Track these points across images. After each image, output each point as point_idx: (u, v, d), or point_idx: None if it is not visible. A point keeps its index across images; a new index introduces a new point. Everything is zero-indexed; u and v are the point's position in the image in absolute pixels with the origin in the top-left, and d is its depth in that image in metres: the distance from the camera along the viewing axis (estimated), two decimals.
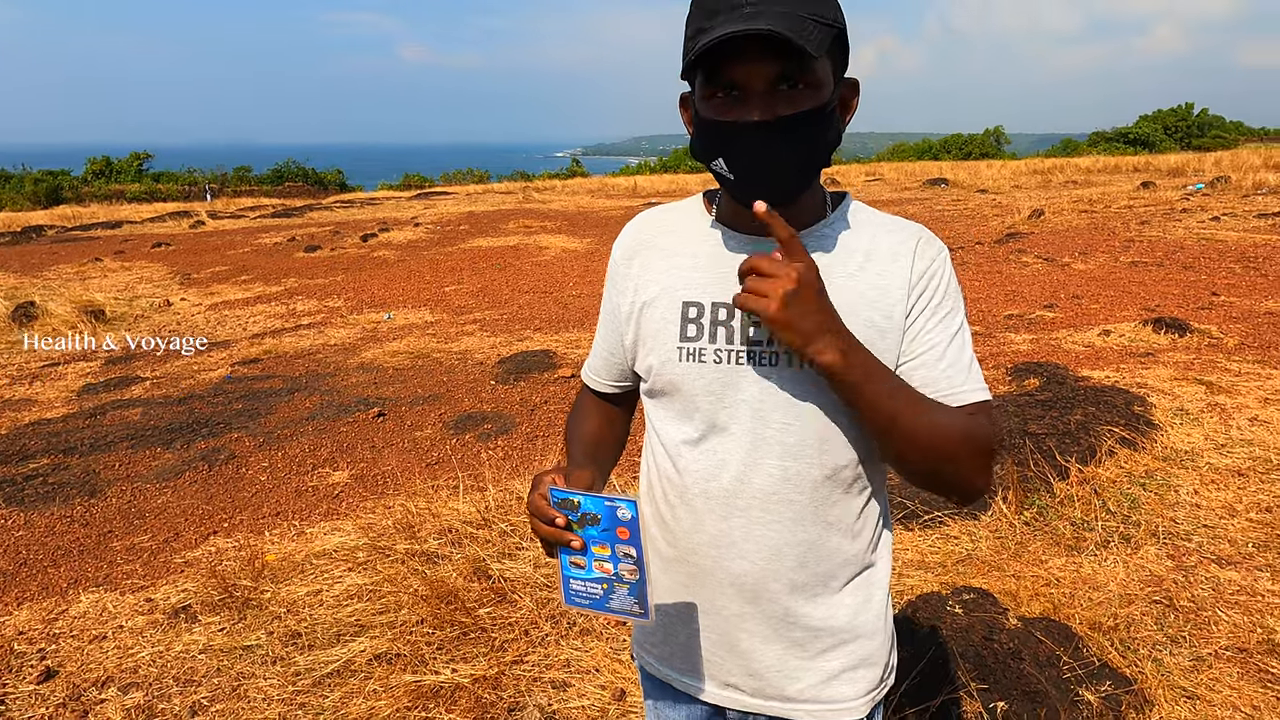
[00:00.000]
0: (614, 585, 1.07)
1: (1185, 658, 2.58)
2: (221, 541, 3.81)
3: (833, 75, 1.04)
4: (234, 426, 5.24)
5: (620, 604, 1.07)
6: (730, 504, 1.14)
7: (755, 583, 1.15)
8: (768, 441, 1.11)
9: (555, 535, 1.06)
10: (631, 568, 1.05)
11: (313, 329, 8.24)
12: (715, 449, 1.14)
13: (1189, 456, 3.83)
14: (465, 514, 3.70)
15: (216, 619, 3.15)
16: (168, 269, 12.85)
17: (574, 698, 2.63)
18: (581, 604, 1.09)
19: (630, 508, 1.03)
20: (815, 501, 1.12)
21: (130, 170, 41.45)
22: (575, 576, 1.09)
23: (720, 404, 1.12)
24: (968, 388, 1.08)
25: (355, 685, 2.73)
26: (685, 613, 1.22)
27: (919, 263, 1.10)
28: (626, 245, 1.24)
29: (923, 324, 1.09)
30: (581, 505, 1.05)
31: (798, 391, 1.10)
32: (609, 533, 1.05)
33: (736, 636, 1.18)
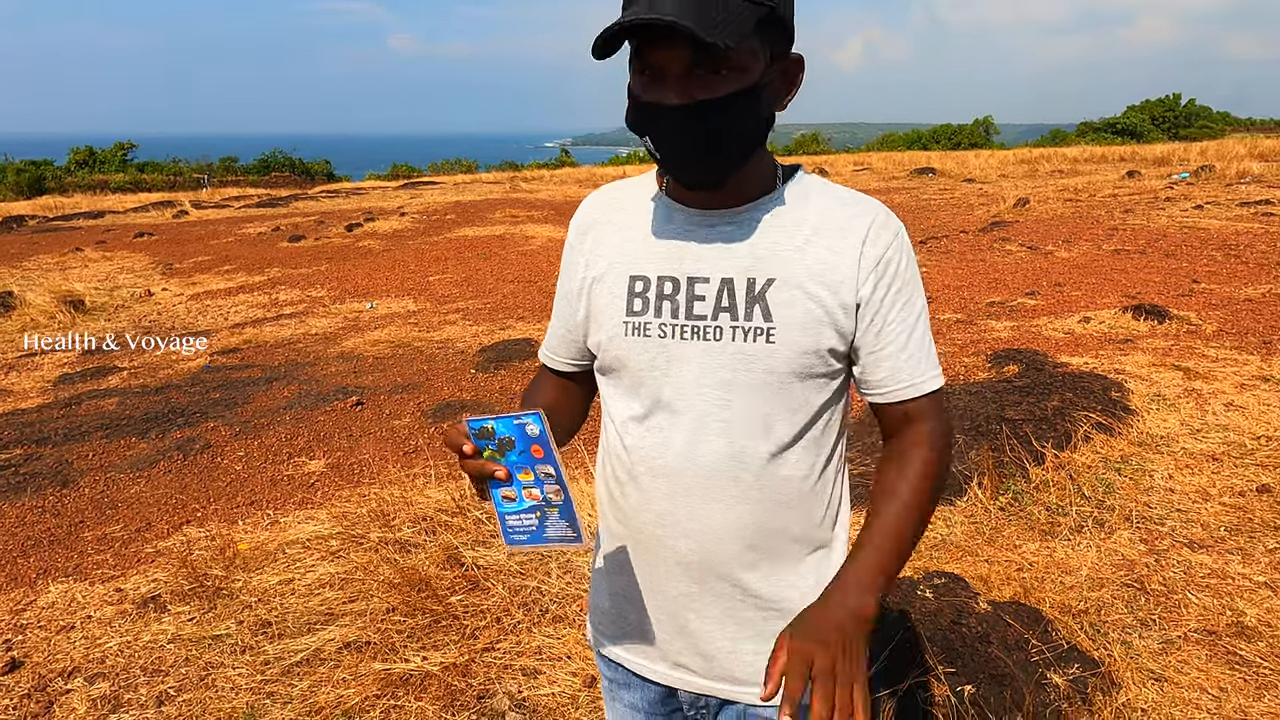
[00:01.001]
0: (545, 511, 1.05)
1: (1154, 640, 2.58)
2: (194, 531, 3.77)
3: (767, 53, 1.01)
4: (210, 416, 5.20)
5: (555, 531, 1.06)
6: (675, 481, 1.12)
7: (701, 562, 1.13)
8: (711, 418, 1.09)
9: (476, 465, 1.04)
10: (555, 488, 1.04)
11: (294, 318, 8.18)
12: (660, 425, 1.12)
13: (1164, 441, 3.84)
14: (440, 502, 3.68)
15: (186, 609, 3.12)
16: (150, 259, 12.74)
17: (544, 685, 2.62)
18: (521, 541, 1.08)
19: (535, 420, 1.02)
20: (762, 480, 1.11)
21: (114, 160, 41.04)
22: (510, 511, 1.07)
23: (665, 379, 1.11)
24: (927, 376, 1.11)
25: (324, 674, 2.71)
26: (635, 593, 1.20)
27: (874, 247, 1.08)
28: (581, 221, 1.23)
29: (884, 314, 1.08)
30: (496, 430, 1.04)
31: (742, 367, 1.08)
32: (526, 454, 1.04)
33: (685, 617, 1.16)
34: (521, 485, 1.05)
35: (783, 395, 1.09)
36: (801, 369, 1.08)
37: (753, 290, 1.07)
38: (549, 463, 1.03)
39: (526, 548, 1.09)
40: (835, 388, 1.13)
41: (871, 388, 1.13)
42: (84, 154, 41.05)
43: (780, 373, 1.07)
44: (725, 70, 0.97)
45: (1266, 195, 11.58)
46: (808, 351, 1.07)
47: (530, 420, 1.02)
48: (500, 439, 1.04)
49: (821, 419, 1.13)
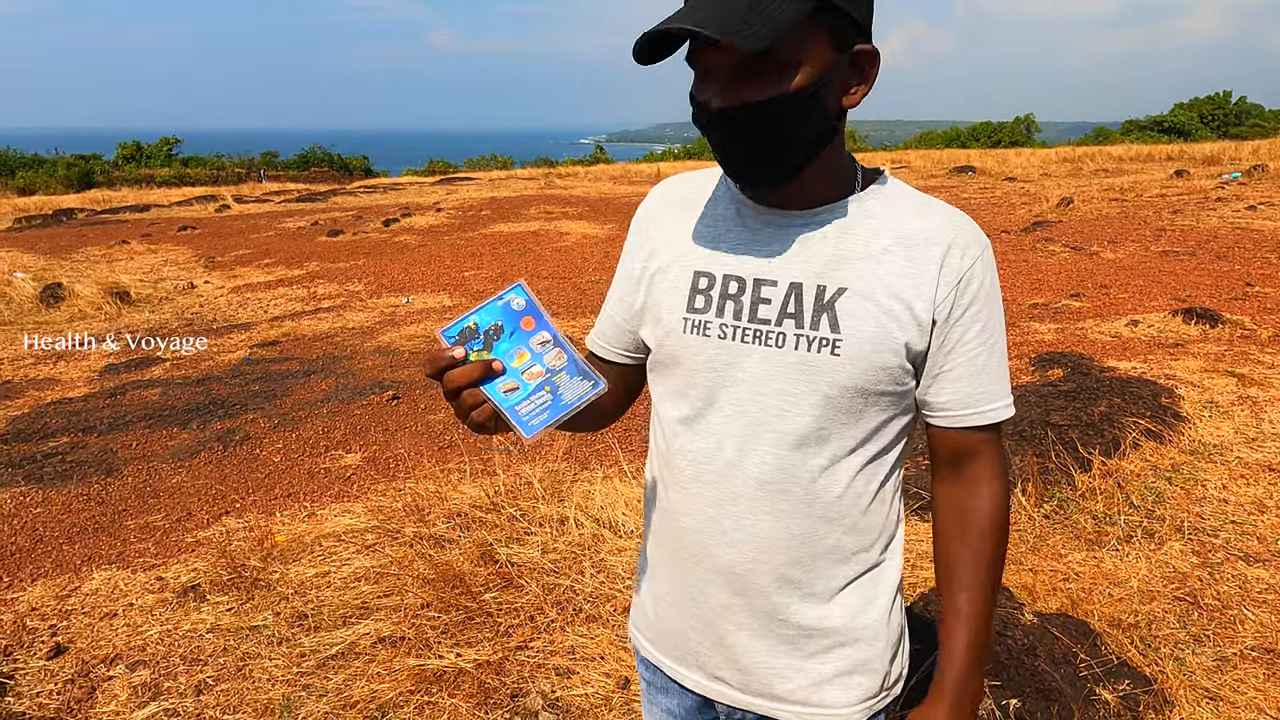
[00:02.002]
0: (553, 381, 1.01)
1: (1209, 657, 2.49)
2: (233, 522, 3.82)
3: (828, 47, 0.95)
4: (250, 408, 5.26)
5: (572, 391, 1.00)
6: (722, 489, 1.08)
7: (745, 574, 1.09)
8: (766, 427, 1.05)
9: (472, 370, 0.95)
10: (556, 352, 1.00)
11: (332, 312, 8.27)
12: (710, 429, 1.08)
13: (1218, 450, 3.72)
14: (475, 498, 3.68)
15: (225, 599, 3.16)
16: (193, 252, 12.97)
17: (577, 684, 2.60)
18: (543, 422, 0.99)
19: (519, 292, 1.00)
20: (813, 494, 1.06)
21: (160, 155, 41.89)
22: (517, 401, 1.00)
23: (720, 381, 1.07)
24: (997, 404, 1.06)
25: (359, 667, 2.72)
26: (674, 598, 1.17)
27: (957, 261, 1.02)
28: (647, 210, 1.20)
29: (960, 334, 1.03)
30: (479, 324, 1.00)
31: (803, 378, 1.03)
32: (517, 333, 1.00)
33: (723, 628, 1.13)
34: (519, 371, 1.00)
35: (843, 410, 1.03)
36: (866, 385, 1.02)
37: (822, 298, 1.03)
38: (542, 328, 1.01)
39: (551, 425, 1.00)
40: (902, 408, 1.08)
41: (935, 410, 1.08)
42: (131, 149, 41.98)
43: (843, 387, 1.02)
44: (774, 71, 0.93)
45: None
46: (875, 367, 1.02)
47: (514, 294, 1.01)
48: (486, 330, 1.00)
49: (882, 437, 1.08)
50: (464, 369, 0.96)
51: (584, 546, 3.35)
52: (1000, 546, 1.10)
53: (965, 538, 1.09)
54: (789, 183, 1.02)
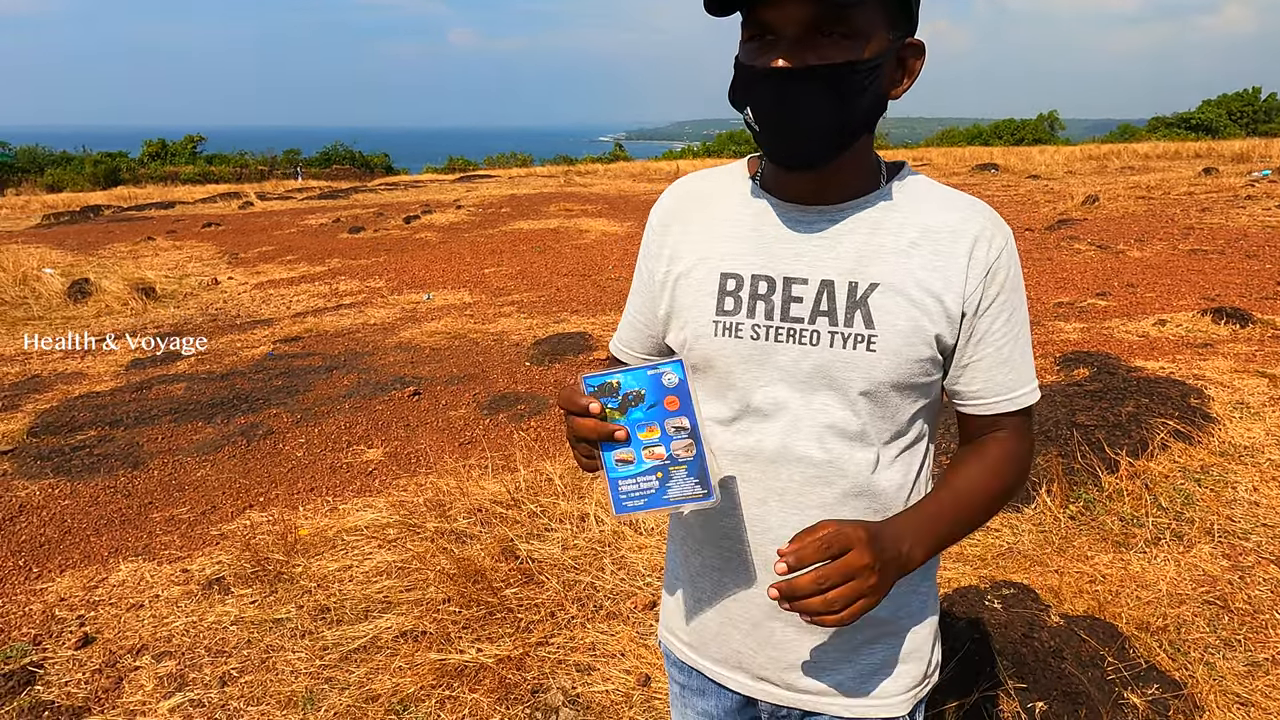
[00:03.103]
0: (669, 470, 0.98)
1: (1240, 662, 2.45)
2: (257, 515, 3.85)
3: (886, 28, 0.96)
4: (273, 403, 5.31)
5: (680, 490, 0.98)
6: (766, 485, 1.08)
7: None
8: (806, 422, 1.05)
9: (595, 428, 0.98)
10: (687, 443, 0.98)
11: (353, 308, 8.33)
12: (750, 429, 1.08)
13: (1249, 452, 3.65)
14: (495, 494, 3.69)
15: (249, 591, 3.19)
16: (217, 248, 13.11)
17: (598, 681, 2.60)
18: (635, 507, 0.98)
19: (677, 370, 0.97)
20: (857, 485, 1.06)
21: (184, 153, 42.42)
22: (624, 476, 0.99)
23: (756, 382, 1.06)
24: (1025, 389, 1.07)
25: (381, 661, 2.73)
26: (717, 598, 1.16)
27: (987, 252, 1.03)
28: (664, 211, 1.18)
29: (988, 325, 1.04)
30: (622, 385, 0.98)
31: (840, 373, 1.03)
32: (656, 408, 0.98)
33: (770, 626, 1.12)
34: (642, 445, 0.98)
35: (880, 404, 1.04)
36: (901, 379, 1.03)
37: (854, 295, 1.03)
38: (685, 414, 0.98)
39: (641, 512, 0.99)
40: (932, 398, 1.10)
41: (966, 399, 1.09)
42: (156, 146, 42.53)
43: (878, 382, 1.03)
44: (844, 36, 0.93)
45: None
46: (910, 361, 1.03)
47: (670, 369, 0.98)
48: (626, 394, 0.98)
49: (915, 428, 1.09)
50: (590, 425, 0.98)
51: (604, 544, 3.35)
52: (994, 484, 1.10)
53: (968, 465, 1.10)
54: (827, 164, 1.00)
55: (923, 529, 1.01)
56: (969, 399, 1.09)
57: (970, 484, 1.08)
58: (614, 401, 0.98)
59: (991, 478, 1.08)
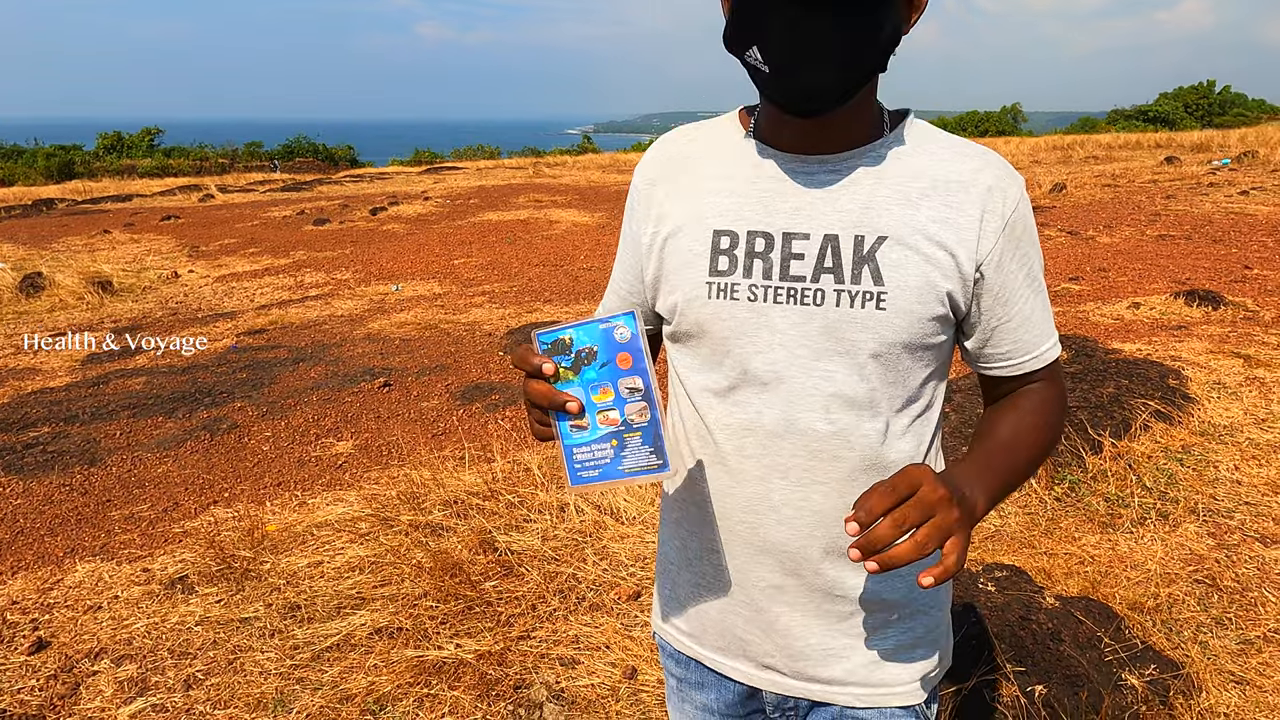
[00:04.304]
0: (624, 438, 0.92)
1: (1232, 640, 2.43)
2: (221, 511, 3.70)
3: None
4: (237, 396, 5.14)
5: (635, 460, 0.92)
6: (768, 462, 0.99)
7: (798, 551, 1.01)
8: (810, 392, 0.97)
9: (547, 396, 0.91)
10: (641, 406, 0.91)
11: (320, 300, 8.13)
12: (749, 400, 0.99)
13: (1228, 431, 3.66)
14: (471, 485, 3.58)
15: (214, 590, 3.05)
16: (176, 241, 12.75)
17: (583, 675, 2.51)
18: (590, 479, 0.93)
19: (629, 322, 0.90)
20: (867, 459, 0.98)
21: (141, 145, 41.35)
22: (579, 443, 0.93)
23: (754, 348, 0.98)
24: (1047, 345, 1.02)
25: (355, 659, 2.62)
26: (717, 584, 1.08)
27: (1002, 204, 0.95)
28: (649, 168, 1.08)
29: (1011, 282, 0.97)
30: (574, 341, 0.91)
31: (848, 335, 0.95)
32: (609, 367, 0.91)
33: (774, 612, 1.04)
34: (596, 409, 0.92)
35: (890, 368, 0.96)
36: (913, 339, 0.95)
37: (861, 249, 0.94)
38: (638, 373, 0.91)
39: (596, 485, 0.93)
40: (943, 360, 1.02)
41: (992, 361, 1.02)
42: (112, 139, 41.43)
43: (890, 343, 0.95)
44: None
45: None
46: (921, 320, 0.95)
47: (621, 322, 0.90)
48: (579, 351, 0.91)
49: (926, 394, 1.01)
50: (543, 391, 0.92)
51: (585, 534, 3.26)
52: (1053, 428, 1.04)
53: (1017, 408, 1.04)
54: (841, 105, 0.91)
55: (979, 477, 0.93)
56: (997, 362, 1.02)
57: (1014, 432, 1.01)
58: (567, 359, 0.92)
59: (1035, 424, 1.02)
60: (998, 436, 1.02)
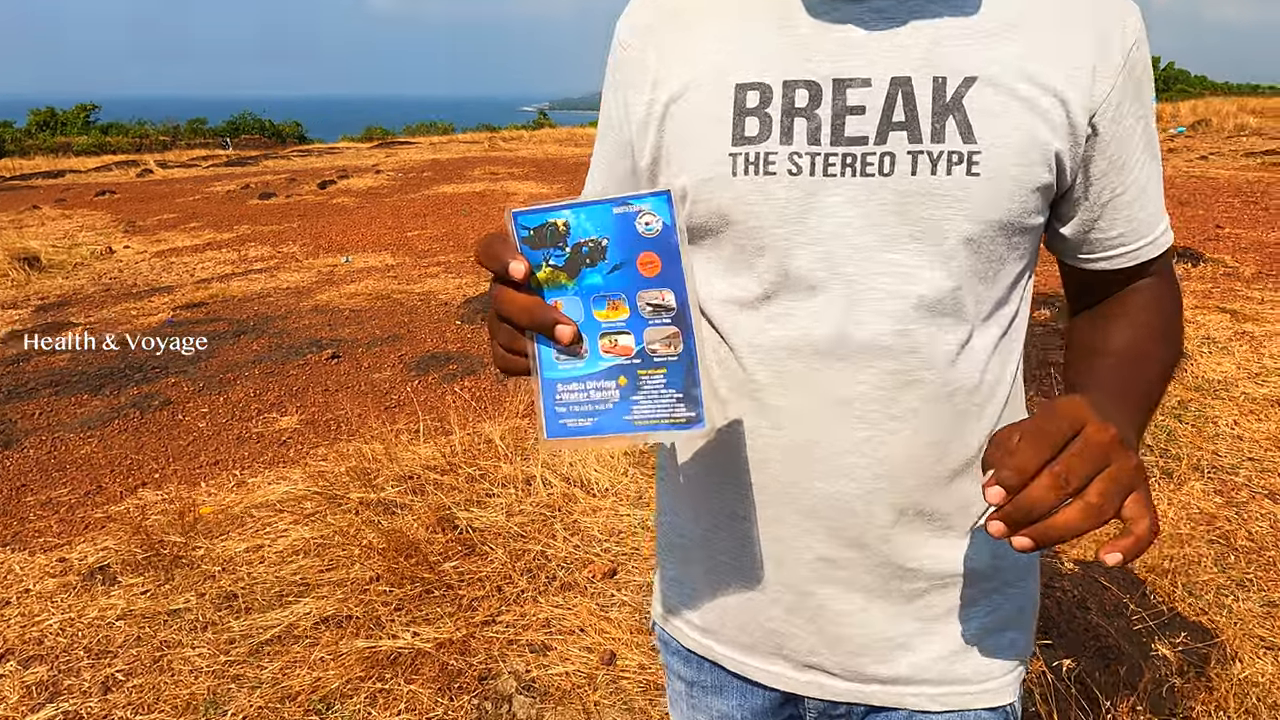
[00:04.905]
0: (638, 376, 0.63)
1: (1256, 603, 2.26)
2: (150, 494, 3.36)
3: None
4: (171, 371, 4.75)
5: (651, 408, 0.63)
6: (821, 395, 0.73)
7: (857, 510, 0.75)
8: (875, 295, 0.71)
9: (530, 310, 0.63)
10: (669, 332, 0.62)
11: (264, 273, 7.70)
12: (793, 311, 0.73)
13: (1222, 386, 3.52)
14: (428, 458, 3.29)
15: (139, 580, 2.73)
16: (112, 217, 12.11)
17: (556, 662, 2.26)
18: (579, 430, 0.64)
19: (660, 207, 0.60)
20: (950, 382, 0.73)
21: (77, 122, 39.61)
22: (567, 377, 0.64)
23: (799, 238, 0.72)
24: (1163, 227, 0.78)
25: (299, 653, 2.34)
26: (745, 562, 0.81)
27: (1123, 37, 0.70)
28: (640, 14, 0.80)
29: (1126, 139, 0.72)
30: (572, 228, 0.62)
31: (929, 212, 0.69)
32: (625, 271, 0.62)
33: (823, 595, 0.79)
34: (600, 330, 0.63)
35: (984, 257, 0.71)
36: (1011, 216, 0.70)
37: (943, 94, 0.69)
38: (670, 285, 0.61)
39: (586, 439, 0.64)
40: (1034, 254, 0.77)
41: (1098, 251, 0.78)
42: (45, 115, 39.63)
43: (984, 222, 0.70)
44: None
45: (1270, 146, 11.30)
46: (1024, 190, 0.70)
47: (648, 206, 0.60)
48: (579, 245, 0.62)
49: (1015, 299, 0.77)
50: (522, 304, 0.63)
51: (553, 508, 2.99)
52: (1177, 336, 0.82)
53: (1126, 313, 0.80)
54: None
55: (1119, 406, 0.68)
56: (1104, 251, 0.77)
57: (1134, 344, 0.77)
58: (559, 256, 0.62)
59: (1157, 331, 0.79)
60: (1116, 350, 0.78)
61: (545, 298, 0.64)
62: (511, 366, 0.66)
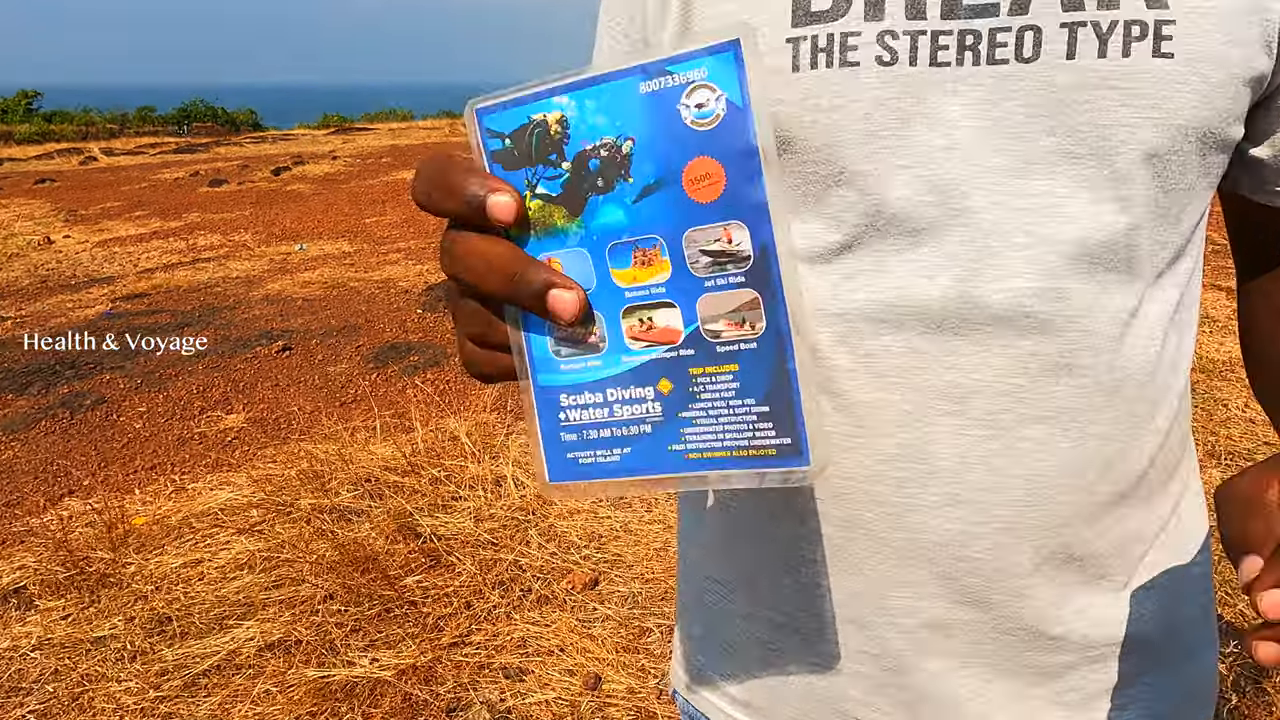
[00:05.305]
0: (688, 375, 0.37)
1: None
2: (77, 504, 3.04)
3: None
4: (107, 366, 4.40)
5: (717, 431, 0.37)
6: (931, 385, 0.50)
7: (985, 556, 0.51)
8: (1015, 241, 0.48)
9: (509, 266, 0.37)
10: (747, 298, 0.36)
11: (213, 262, 7.31)
12: (887, 266, 0.50)
13: (1228, 367, 3.38)
14: (387, 459, 3.02)
15: (60, 603, 2.44)
16: (52, 206, 11.57)
17: (534, 689, 2.01)
18: (599, 470, 0.39)
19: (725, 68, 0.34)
20: (1115, 369, 0.50)
21: (18, 110, 38.14)
22: (577, 382, 0.39)
23: (898, 160, 0.48)
24: None
25: (240, 685, 2.07)
26: (807, 621, 0.57)
27: None
28: None
29: None
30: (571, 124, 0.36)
31: (1095, 119, 0.47)
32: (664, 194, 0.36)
33: (927, 670, 0.55)
34: (624, 302, 0.38)
35: (1165, 184, 0.49)
36: (1213, 120, 0.48)
37: None
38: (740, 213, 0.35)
39: (610, 481, 0.39)
40: (1215, 183, 0.53)
41: None
42: None
43: (1173, 129, 0.47)
44: None
45: None
46: (1234, 77, 0.47)
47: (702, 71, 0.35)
48: (582, 157, 0.37)
49: (1195, 245, 0.54)
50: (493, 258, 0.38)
51: (527, 511, 2.74)
52: None
53: None
54: None
55: None
56: None
57: None
58: (553, 178, 0.37)
59: None
60: None
61: (532, 251, 0.38)
62: (490, 368, 0.41)
